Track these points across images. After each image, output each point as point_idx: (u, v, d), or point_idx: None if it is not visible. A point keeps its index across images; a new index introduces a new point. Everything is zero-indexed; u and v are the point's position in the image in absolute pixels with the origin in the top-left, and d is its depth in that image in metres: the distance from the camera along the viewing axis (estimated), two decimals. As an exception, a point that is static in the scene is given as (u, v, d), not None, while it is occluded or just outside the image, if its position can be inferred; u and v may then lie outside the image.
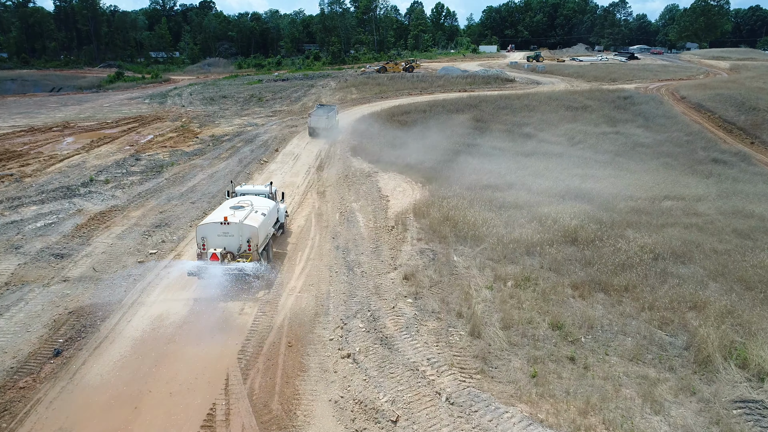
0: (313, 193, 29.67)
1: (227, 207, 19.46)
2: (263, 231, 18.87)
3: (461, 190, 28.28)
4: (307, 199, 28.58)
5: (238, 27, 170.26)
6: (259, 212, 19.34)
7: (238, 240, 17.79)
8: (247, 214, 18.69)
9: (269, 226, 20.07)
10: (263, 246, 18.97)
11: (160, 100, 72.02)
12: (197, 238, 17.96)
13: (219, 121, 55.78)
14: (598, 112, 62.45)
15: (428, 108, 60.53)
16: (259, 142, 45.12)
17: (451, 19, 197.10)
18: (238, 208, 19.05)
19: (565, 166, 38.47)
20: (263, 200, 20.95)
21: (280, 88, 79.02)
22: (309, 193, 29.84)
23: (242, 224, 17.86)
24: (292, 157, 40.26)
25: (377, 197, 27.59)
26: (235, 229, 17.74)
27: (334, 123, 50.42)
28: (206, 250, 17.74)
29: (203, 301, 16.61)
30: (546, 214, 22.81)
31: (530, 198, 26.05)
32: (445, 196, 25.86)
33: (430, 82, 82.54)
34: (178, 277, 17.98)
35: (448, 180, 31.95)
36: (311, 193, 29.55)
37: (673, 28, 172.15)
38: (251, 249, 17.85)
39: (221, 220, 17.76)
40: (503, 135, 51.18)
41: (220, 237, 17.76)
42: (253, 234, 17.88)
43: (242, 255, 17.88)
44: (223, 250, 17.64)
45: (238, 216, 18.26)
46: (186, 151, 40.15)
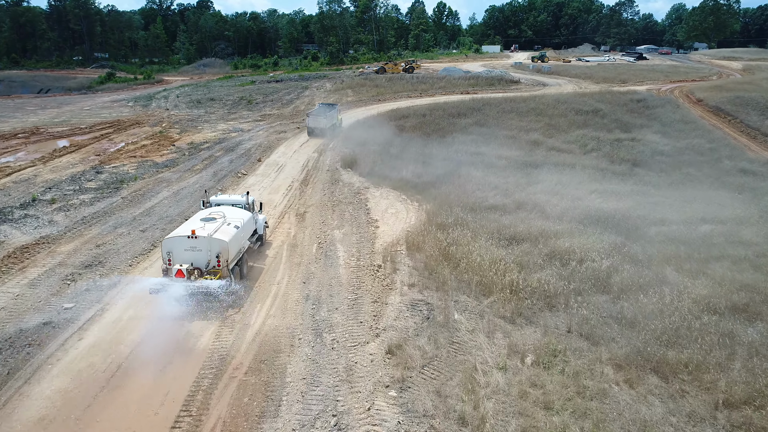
0: (291, 215, 25.49)
1: (197, 219, 18.26)
2: (235, 246, 17.46)
3: (463, 212, 24.09)
4: (282, 223, 24.39)
5: (234, 26, 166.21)
6: (231, 225, 17.97)
7: (206, 255, 16.61)
8: (217, 227, 17.37)
9: (243, 240, 18.60)
10: (235, 261, 17.57)
11: (145, 103, 67.95)
12: (163, 252, 16.81)
13: (202, 127, 51.65)
14: (611, 116, 58.16)
15: (428, 112, 56.30)
16: (241, 151, 40.97)
17: (453, 18, 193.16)
18: (209, 220, 17.91)
19: (579, 179, 34.26)
20: (238, 211, 19.49)
21: (273, 90, 74.89)
22: (287, 215, 25.67)
23: (211, 238, 16.58)
24: (276, 169, 36.10)
25: (365, 222, 23.42)
26: (203, 243, 16.56)
27: (335, 122, 48.16)
28: (172, 265, 16.48)
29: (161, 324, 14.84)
30: (568, 250, 18.59)
31: (545, 225, 21.82)
32: (444, 224, 21.64)
33: (431, 83, 78.35)
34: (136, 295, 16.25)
35: (448, 198, 27.76)
36: (289, 216, 25.37)
37: (682, 28, 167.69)
38: (221, 265, 16.59)
39: (188, 234, 16.60)
40: (509, 142, 46.94)
41: (187, 252, 16.60)
42: (223, 249, 16.59)
43: (211, 271, 16.57)
44: (190, 266, 16.42)
45: (207, 229, 17.07)
46: (157, 161, 36.03)
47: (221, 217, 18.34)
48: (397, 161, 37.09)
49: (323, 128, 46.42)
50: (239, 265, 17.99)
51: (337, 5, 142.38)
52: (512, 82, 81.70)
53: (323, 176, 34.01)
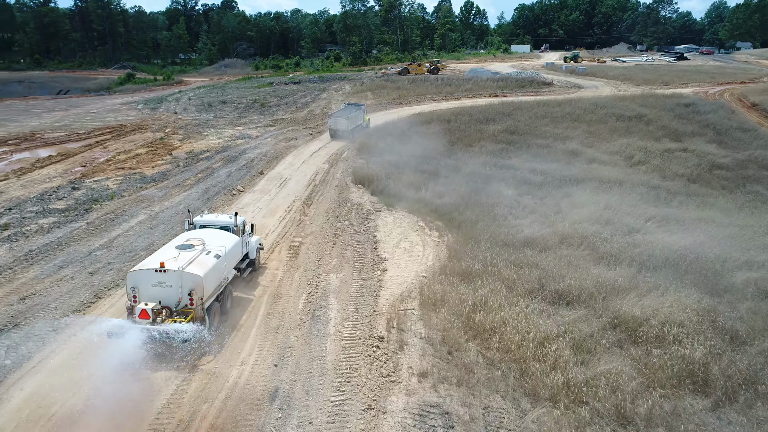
0: (283, 249, 21.03)
1: (172, 246, 15.76)
2: (213, 280, 14.98)
3: (493, 250, 19.34)
4: (271, 260, 19.95)
5: (257, 26, 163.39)
6: (211, 254, 15.46)
7: (177, 292, 14.17)
8: (193, 257, 14.89)
9: (227, 270, 16.12)
10: (214, 297, 15.09)
11: (155, 106, 64.66)
12: (127, 287, 14.34)
13: (207, 132, 47.79)
14: (657, 122, 52.38)
15: (453, 117, 51.43)
16: (243, 162, 36.81)
17: (481, 17, 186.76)
18: (186, 248, 15.45)
19: (630, 201, 29.04)
20: (224, 235, 17.04)
21: (289, 93, 70.91)
22: (278, 248, 21.23)
23: (183, 272, 14.10)
24: (278, 184, 31.79)
25: (370, 262, 18.83)
26: (173, 278, 14.10)
27: (360, 123, 46.44)
28: (137, 303, 14.01)
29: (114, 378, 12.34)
30: (639, 320, 13.65)
31: (601, 274, 16.88)
32: (469, 271, 16.91)
33: (457, 85, 73.33)
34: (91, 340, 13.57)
35: (475, 227, 23.00)
36: (281, 250, 20.92)
37: (724, 26, 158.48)
38: (194, 304, 14.10)
39: (156, 266, 14.12)
40: (543, 152, 41.80)
41: (155, 287, 14.21)
42: (197, 285, 14.13)
43: (183, 311, 14.07)
44: (158, 304, 13.99)
45: (181, 260, 14.59)
46: (146, 174, 32.07)
47: (200, 243, 15.82)
48: (416, 175, 32.45)
49: (345, 130, 43.82)
50: (220, 299, 15.57)
51: (360, 4, 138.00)
52: (544, 84, 76.14)
53: (330, 194, 29.55)
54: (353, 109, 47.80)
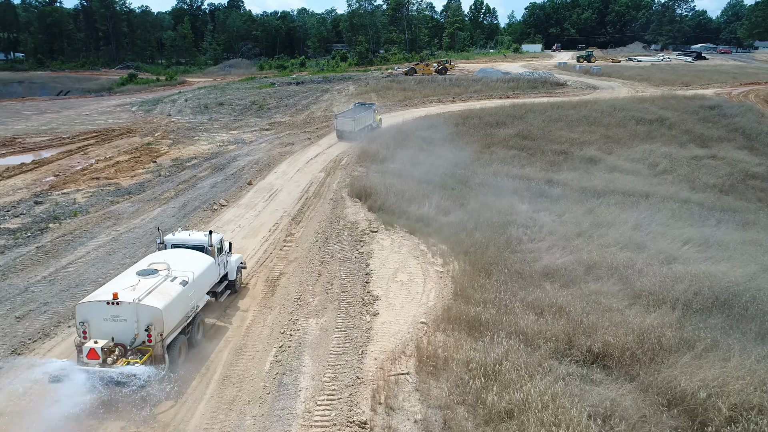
0: (260, 280, 17.95)
1: (133, 272, 13.91)
2: (177, 311, 13.17)
3: (507, 289, 16.14)
4: (243, 297, 16.84)
5: (263, 26, 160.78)
6: (177, 280, 13.69)
7: (132, 327, 12.43)
8: (154, 285, 13.09)
9: (195, 299, 14.29)
10: (179, 330, 13.31)
11: (149, 108, 61.95)
12: (77, 322, 12.55)
13: (199, 137, 44.89)
14: (680, 126, 48.87)
15: (461, 120, 48.22)
16: (232, 170, 33.81)
17: (491, 16, 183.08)
18: (148, 274, 13.66)
19: (661, 218, 25.66)
20: (195, 257, 15.31)
21: (290, 94, 67.96)
22: (254, 279, 18.13)
23: (139, 305, 12.37)
24: (267, 197, 28.74)
25: (359, 302, 15.69)
26: (128, 311, 12.37)
27: (369, 123, 44.96)
28: (87, 340, 12.29)
29: None
30: (700, 401, 10.35)
31: (640, 322, 13.61)
32: (479, 319, 13.69)
33: (466, 86, 70.02)
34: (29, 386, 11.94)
35: (485, 252, 19.80)
36: (257, 283, 17.83)
37: (742, 25, 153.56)
38: (152, 341, 12.37)
39: (108, 298, 12.37)
40: (559, 160, 38.49)
41: (107, 322, 12.47)
42: (156, 319, 12.40)
43: (140, 349, 12.34)
44: (111, 341, 12.26)
45: (139, 289, 12.81)
46: (122, 186, 29.16)
47: (165, 268, 14.01)
48: (419, 187, 29.29)
49: (352, 131, 42.23)
50: (188, 331, 13.84)
51: (367, 3, 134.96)
52: (558, 84, 72.66)
53: (323, 209, 26.45)
54: (362, 109, 46.10)
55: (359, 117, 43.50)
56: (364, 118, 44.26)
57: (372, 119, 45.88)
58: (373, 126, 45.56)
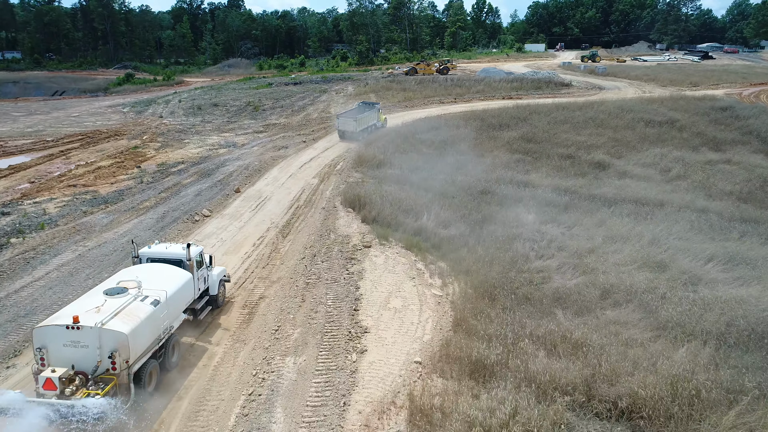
0: (236, 306, 16.04)
1: (100, 291, 12.65)
2: (146, 334, 11.88)
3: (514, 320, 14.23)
4: (212, 329, 14.93)
5: (262, 25, 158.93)
6: (148, 300, 12.45)
7: (94, 353, 11.01)
8: (120, 306, 11.73)
9: (169, 319, 12.99)
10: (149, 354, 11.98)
11: (142, 109, 60.13)
12: (33, 348, 11.28)
13: (189, 140, 43.02)
14: (691, 128, 46.79)
15: (463, 122, 46.26)
16: (220, 176, 31.93)
17: (494, 15, 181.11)
18: (116, 294, 12.36)
19: (679, 230, 23.64)
20: (171, 273, 14.13)
21: (287, 94, 66.07)
22: (229, 305, 16.20)
23: (102, 329, 10.99)
24: (255, 205, 26.85)
25: (345, 335, 13.79)
26: (90, 336, 10.96)
27: (374, 123, 43.91)
28: (45, 368, 10.90)
29: None
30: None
31: (670, 364, 11.68)
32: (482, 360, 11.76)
33: (468, 86, 68.03)
34: None
35: (489, 271, 17.90)
36: (232, 308, 15.91)
37: (749, 24, 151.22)
38: (116, 369, 10.98)
39: (68, 322, 10.94)
40: (566, 164, 36.50)
41: (67, 348, 11.02)
42: (121, 345, 11.07)
43: (103, 378, 10.90)
44: (70, 370, 10.80)
45: (104, 311, 11.40)
46: (100, 194, 27.30)
47: (136, 286, 12.78)
48: (417, 195, 27.37)
49: (353, 131, 41.26)
50: (160, 355, 12.61)
51: (368, 1, 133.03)
52: (562, 85, 70.64)
53: (314, 220, 24.54)
54: (366, 109, 45.15)
55: (362, 117, 42.38)
56: (367, 117, 43.10)
57: (376, 119, 44.74)
58: (377, 126, 44.43)
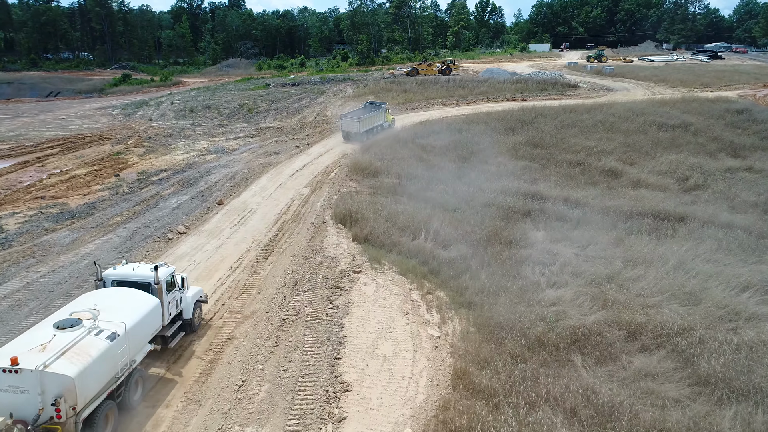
0: (198, 351, 13.69)
1: (50, 324, 10.90)
2: (99, 375, 10.20)
3: (526, 370, 11.86)
4: (166, 386, 12.59)
5: (262, 25, 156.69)
6: (104, 333, 10.78)
7: (36, 400, 9.53)
8: (69, 344, 10.13)
9: (130, 353, 11.29)
10: (103, 396, 10.35)
11: (132, 111, 57.92)
12: None
13: (176, 145, 40.75)
14: (706, 133, 44.33)
15: (465, 126, 43.90)
16: (203, 186, 29.64)
17: (497, 15, 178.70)
18: (68, 327, 10.63)
19: (706, 251, 21.21)
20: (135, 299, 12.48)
21: (283, 96, 63.77)
22: (191, 348, 13.86)
23: (43, 372, 9.55)
24: (237, 220, 24.55)
25: (321, 395, 11.48)
26: (30, 380, 9.54)
27: (380, 124, 42.86)
28: None
29: None
30: None
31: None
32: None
33: (471, 88, 65.61)
34: None
35: (494, 304, 15.57)
36: (192, 354, 13.57)
37: (758, 23, 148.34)
38: (61, 417, 9.54)
39: (5, 364, 9.56)
40: (576, 172, 34.17)
41: (4, 394, 9.65)
42: (66, 390, 9.54)
43: (45, 427, 9.52)
44: (7, 419, 9.44)
45: (50, 350, 9.90)
46: (69, 207, 25.03)
47: (91, 317, 11.28)
48: (416, 208, 25.02)
49: (357, 132, 40.19)
50: (119, 395, 11.14)
51: (369, 0, 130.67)
52: (569, 86, 68.17)
53: (300, 238, 22.22)
54: (372, 109, 43.84)
55: (366, 117, 41.15)
56: (372, 118, 41.84)
57: (383, 119, 43.54)
58: (384, 126, 43.33)
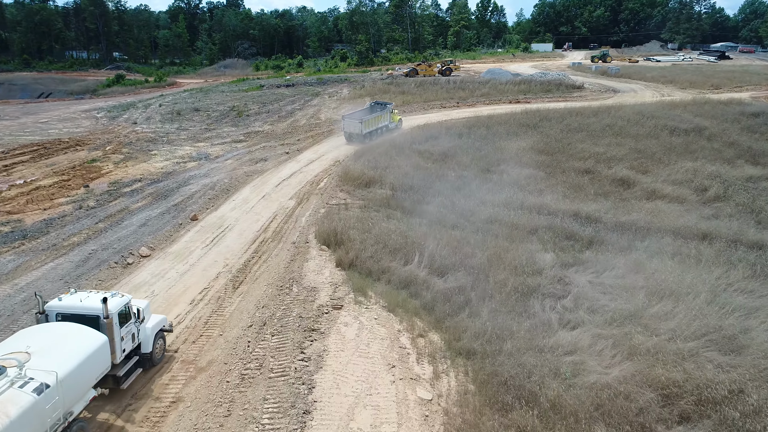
0: (136, 421, 11.10)
1: None
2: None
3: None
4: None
5: (260, 24, 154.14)
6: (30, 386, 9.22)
7: None
8: None
9: (61, 409, 9.77)
10: None
11: (118, 113, 55.44)
12: None
13: (158, 151, 38.22)
14: (722, 138, 41.63)
15: (466, 130, 41.31)
16: (178, 199, 27.07)
17: (499, 14, 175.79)
18: None
19: (737, 279, 18.62)
20: (76, 338, 10.68)
21: (276, 98, 61.20)
22: (124, 415, 11.28)
23: None
24: (210, 239, 21.98)
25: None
26: None
27: (385, 124, 41.58)
28: None
29: None
30: None
31: None
32: None
33: (472, 89, 62.96)
34: None
35: (499, 351, 12.99)
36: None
37: (765, 22, 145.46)
38: None
39: None
40: (584, 182, 31.50)
41: None
42: None
43: None
44: None
45: None
46: (25, 224, 22.51)
47: (16, 365, 9.47)
48: (410, 225, 22.46)
49: (359, 134, 38.93)
50: None
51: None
52: (574, 87, 65.48)
53: (278, 261, 19.65)
54: (377, 109, 42.58)
55: (369, 118, 39.91)
56: (376, 119, 40.53)
57: (388, 120, 42.16)
58: (389, 127, 42.13)
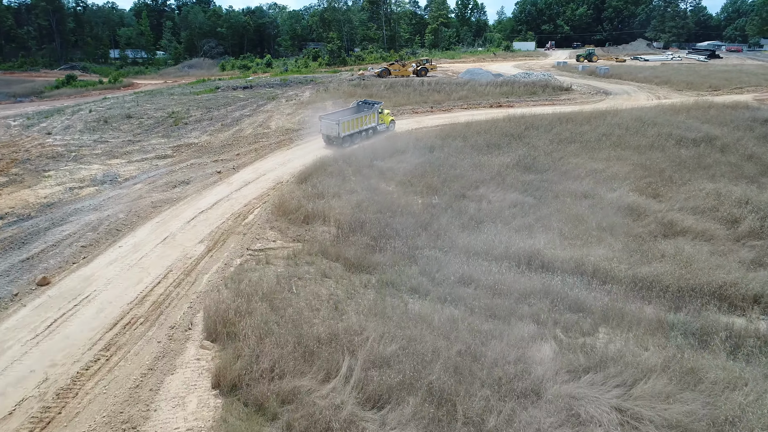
0: None
1: None
2: None
3: None
4: None
5: (228, 22, 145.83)
6: None
7: None
8: None
9: None
10: None
11: (38, 121, 47.58)
12: None
13: (55, 171, 30.71)
14: (737, 149, 35.38)
15: (439, 142, 34.58)
16: (39, 246, 19.74)
17: (479, 12, 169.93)
18: None
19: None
20: None
21: (226, 102, 53.74)
22: None
23: None
24: (45, 324, 14.81)
25: None
26: None
27: (371, 126, 37.53)
28: None
29: None
30: None
31: None
32: None
33: (448, 91, 56.26)
34: None
35: None
36: None
37: (752, 20, 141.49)
38: None
39: None
40: (583, 209, 24.76)
41: None
42: None
43: None
44: None
45: None
46: None
47: None
48: (349, 290, 15.46)
49: (337, 137, 34.86)
50: None
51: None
52: (561, 89, 59.14)
53: (128, 372, 12.59)
54: (364, 109, 38.49)
55: (350, 119, 35.72)
56: (358, 120, 36.37)
57: (375, 121, 38.05)
58: (378, 129, 38.34)
